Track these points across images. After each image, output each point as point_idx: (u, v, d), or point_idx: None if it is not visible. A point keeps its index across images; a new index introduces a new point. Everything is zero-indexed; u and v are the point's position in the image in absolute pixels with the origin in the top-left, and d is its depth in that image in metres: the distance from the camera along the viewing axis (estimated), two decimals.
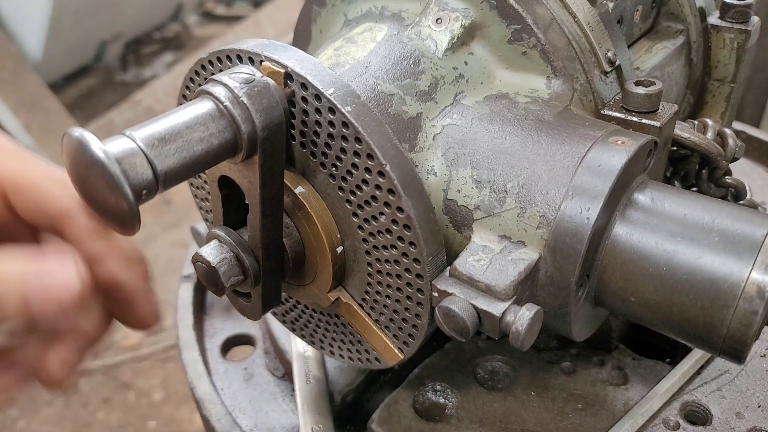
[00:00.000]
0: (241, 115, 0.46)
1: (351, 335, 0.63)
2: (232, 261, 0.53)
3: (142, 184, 0.42)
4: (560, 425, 0.64)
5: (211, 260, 0.53)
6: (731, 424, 0.63)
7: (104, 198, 0.42)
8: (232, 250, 0.53)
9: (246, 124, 0.46)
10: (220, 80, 0.47)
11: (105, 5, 3.34)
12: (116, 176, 0.40)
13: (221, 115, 0.46)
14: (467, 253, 0.54)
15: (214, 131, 0.45)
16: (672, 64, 0.73)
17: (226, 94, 0.46)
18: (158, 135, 0.43)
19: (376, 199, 0.51)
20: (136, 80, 3.71)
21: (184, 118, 0.45)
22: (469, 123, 0.58)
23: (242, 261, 0.53)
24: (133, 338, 2.32)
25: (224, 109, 0.46)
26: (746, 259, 0.48)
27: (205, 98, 0.47)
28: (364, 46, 0.61)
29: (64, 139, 0.42)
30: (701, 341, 0.52)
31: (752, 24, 0.73)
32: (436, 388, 0.69)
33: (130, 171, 0.41)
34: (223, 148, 0.46)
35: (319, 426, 0.68)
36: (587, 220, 0.50)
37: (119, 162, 0.41)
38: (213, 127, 0.45)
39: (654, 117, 0.58)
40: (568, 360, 0.71)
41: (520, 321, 0.49)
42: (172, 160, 0.43)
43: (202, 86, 0.47)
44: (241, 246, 0.53)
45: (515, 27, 0.59)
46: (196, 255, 0.54)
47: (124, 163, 0.41)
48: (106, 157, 0.40)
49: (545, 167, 0.54)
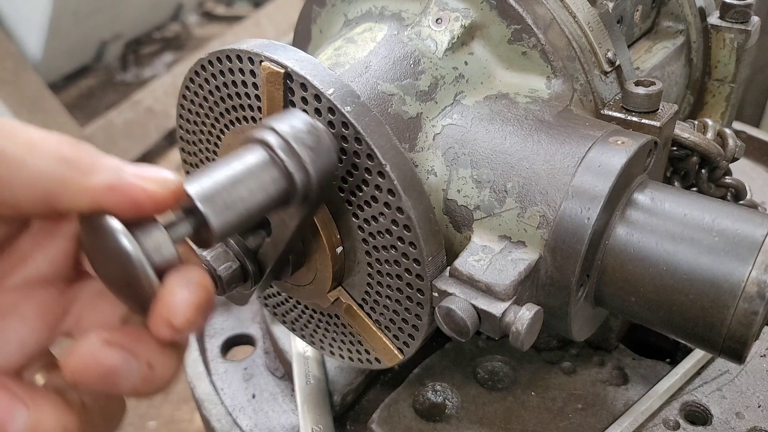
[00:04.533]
0: (296, 165, 0.44)
1: (351, 335, 0.63)
2: (236, 270, 0.53)
3: None
4: (560, 425, 0.64)
5: (216, 266, 0.52)
6: (731, 424, 0.63)
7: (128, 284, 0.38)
8: (238, 258, 0.53)
9: (299, 173, 0.45)
10: (281, 134, 0.44)
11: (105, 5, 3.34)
12: None
13: (278, 170, 0.44)
14: (467, 253, 0.54)
15: (269, 182, 0.44)
16: (672, 64, 0.73)
17: (281, 144, 0.44)
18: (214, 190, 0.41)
19: (375, 199, 0.51)
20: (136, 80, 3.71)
21: (238, 168, 0.43)
22: (469, 123, 0.58)
23: (246, 270, 0.53)
24: None
25: (282, 166, 0.44)
26: (746, 259, 0.48)
27: (257, 147, 0.45)
28: (364, 46, 0.61)
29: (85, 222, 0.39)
30: (701, 341, 0.52)
31: (752, 24, 0.73)
32: (436, 388, 0.69)
33: None
34: (278, 198, 0.45)
35: (319, 426, 0.68)
36: (587, 220, 0.50)
37: None
38: (268, 179, 0.44)
39: (654, 117, 0.58)
40: (568, 360, 0.71)
41: (520, 321, 0.49)
42: (227, 215, 0.41)
43: (258, 137, 0.45)
44: (248, 256, 0.53)
45: (515, 27, 0.59)
46: (201, 257, 0.53)
47: None
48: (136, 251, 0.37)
49: (545, 167, 0.54)
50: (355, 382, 0.73)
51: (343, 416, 0.72)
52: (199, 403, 0.76)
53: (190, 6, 4.34)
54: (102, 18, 3.40)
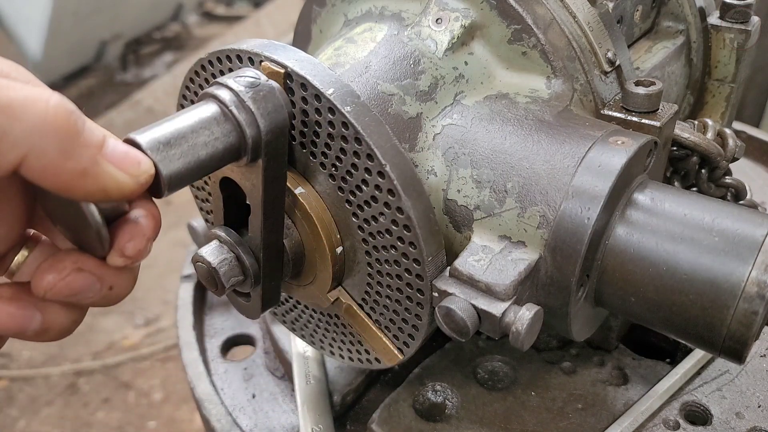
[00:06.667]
0: (246, 120, 0.46)
1: (351, 335, 0.63)
2: (232, 262, 0.53)
3: None
4: (560, 425, 0.64)
5: (212, 261, 0.53)
6: (731, 424, 0.63)
7: None
8: (233, 250, 0.53)
9: (251, 128, 0.46)
10: (224, 83, 0.46)
11: (105, 5, 3.34)
12: None
13: (226, 118, 0.46)
14: (467, 253, 0.54)
15: (218, 135, 0.45)
16: (672, 64, 0.73)
17: (231, 98, 0.46)
18: (163, 139, 0.42)
19: (375, 199, 0.51)
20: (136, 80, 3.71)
21: (189, 121, 0.44)
22: (469, 123, 0.58)
23: (242, 262, 0.53)
24: (133, 338, 2.33)
25: (229, 113, 0.45)
26: (746, 259, 0.48)
27: (209, 101, 0.46)
28: (364, 46, 0.61)
29: None
30: (701, 341, 0.52)
31: (752, 24, 0.73)
32: (436, 388, 0.69)
33: None
34: (228, 152, 0.46)
35: (319, 426, 0.68)
36: (587, 220, 0.50)
37: None
38: (218, 131, 0.45)
39: (654, 117, 0.58)
40: (568, 360, 0.71)
41: (520, 321, 0.49)
42: (177, 164, 0.43)
43: (206, 89, 0.47)
44: (241, 247, 0.53)
45: (515, 27, 0.59)
46: (196, 255, 0.54)
47: None
48: None
49: (545, 167, 0.53)
50: (355, 382, 0.73)
51: (343, 416, 0.72)
52: (199, 403, 0.76)
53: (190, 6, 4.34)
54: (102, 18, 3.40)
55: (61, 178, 0.36)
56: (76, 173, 0.36)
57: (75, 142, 0.36)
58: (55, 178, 0.36)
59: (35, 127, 0.35)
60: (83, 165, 0.36)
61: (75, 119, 0.36)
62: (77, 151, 0.36)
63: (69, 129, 0.36)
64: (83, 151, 0.36)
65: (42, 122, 0.35)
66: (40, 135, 0.35)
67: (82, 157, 0.36)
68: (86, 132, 0.37)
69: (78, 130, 0.36)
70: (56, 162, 0.36)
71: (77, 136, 0.36)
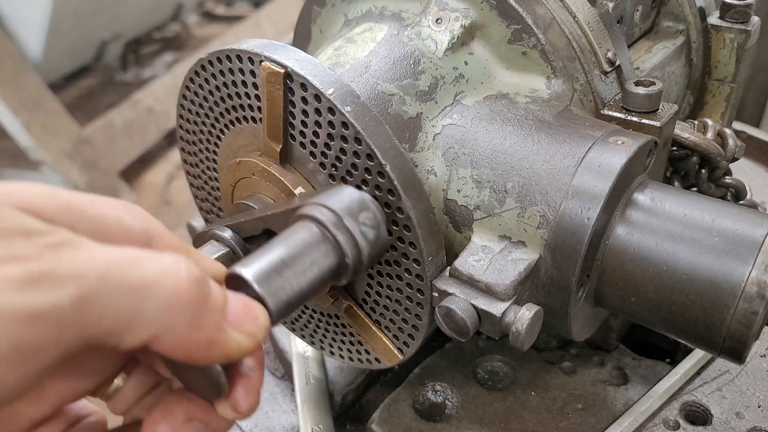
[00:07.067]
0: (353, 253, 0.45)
1: (351, 335, 0.63)
2: (230, 261, 0.53)
3: None
4: (560, 425, 0.64)
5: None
6: (731, 424, 0.63)
7: None
8: (232, 249, 0.53)
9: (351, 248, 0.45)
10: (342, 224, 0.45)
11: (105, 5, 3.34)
12: None
13: (330, 246, 0.44)
14: (467, 253, 0.54)
15: (317, 258, 0.44)
16: (672, 64, 0.73)
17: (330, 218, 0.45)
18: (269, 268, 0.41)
19: (375, 199, 0.51)
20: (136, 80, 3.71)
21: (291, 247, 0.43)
22: (469, 123, 0.58)
23: (239, 256, 0.53)
24: None
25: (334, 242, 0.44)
26: (746, 259, 0.48)
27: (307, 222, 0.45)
28: (364, 46, 0.61)
29: None
30: (701, 341, 0.52)
31: (752, 24, 0.73)
32: (436, 388, 0.69)
33: None
34: (330, 274, 0.45)
35: (319, 426, 0.68)
36: (587, 220, 0.50)
37: None
38: (317, 254, 0.44)
39: (654, 117, 0.58)
40: (568, 360, 0.71)
41: (520, 321, 0.49)
42: (283, 294, 0.41)
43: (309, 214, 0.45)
44: (240, 246, 0.53)
45: (515, 27, 0.59)
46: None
47: None
48: None
49: (545, 167, 0.53)
50: (355, 382, 0.73)
51: (343, 416, 0.72)
52: None
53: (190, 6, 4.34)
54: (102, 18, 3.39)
55: (189, 351, 0.35)
56: (202, 344, 0.35)
57: (203, 311, 0.35)
58: (184, 351, 0.35)
59: (168, 305, 0.33)
60: (210, 334, 0.35)
61: (203, 289, 0.35)
62: (205, 321, 0.35)
63: (198, 301, 0.35)
64: (210, 319, 0.35)
65: (175, 298, 0.33)
66: (172, 312, 0.33)
67: (209, 326, 0.35)
68: (211, 298, 0.36)
69: (205, 299, 0.35)
70: (185, 335, 0.34)
71: (204, 304, 0.35)
